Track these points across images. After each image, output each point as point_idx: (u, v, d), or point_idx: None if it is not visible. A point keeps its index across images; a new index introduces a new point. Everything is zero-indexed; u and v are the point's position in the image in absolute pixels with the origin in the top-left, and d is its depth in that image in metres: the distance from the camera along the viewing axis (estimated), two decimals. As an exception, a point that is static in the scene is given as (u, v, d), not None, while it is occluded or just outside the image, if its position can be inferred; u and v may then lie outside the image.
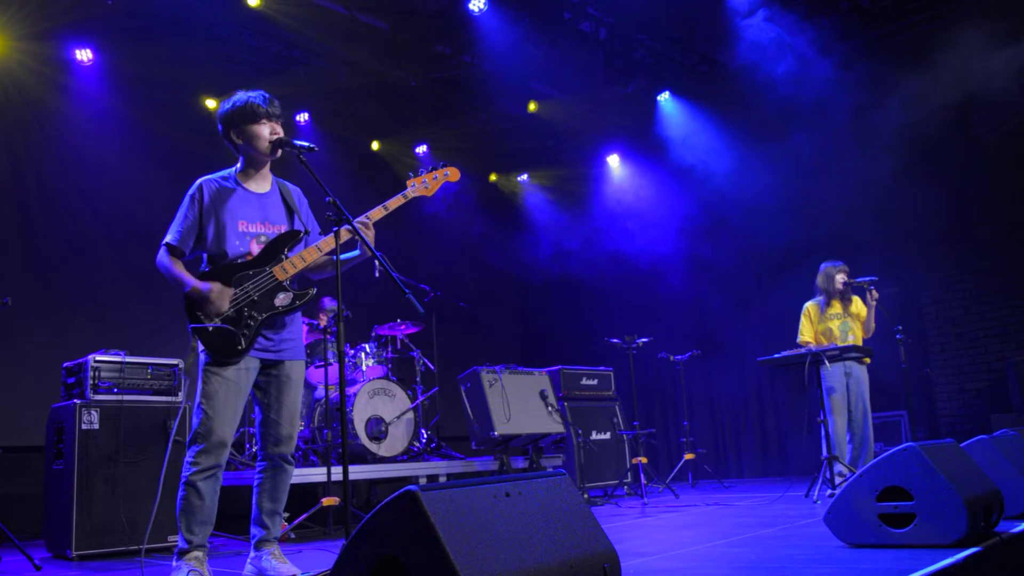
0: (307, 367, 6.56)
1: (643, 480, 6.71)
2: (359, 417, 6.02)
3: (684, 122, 9.31)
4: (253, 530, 3.43)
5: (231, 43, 7.63)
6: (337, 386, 5.88)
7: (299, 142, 3.31)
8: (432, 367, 7.20)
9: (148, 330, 6.84)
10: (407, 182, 3.62)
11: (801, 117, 7.91)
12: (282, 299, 3.36)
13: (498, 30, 7.84)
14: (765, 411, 9.23)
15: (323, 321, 6.68)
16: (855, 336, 6.26)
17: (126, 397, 4.87)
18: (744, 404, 9.38)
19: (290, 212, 3.55)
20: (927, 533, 3.06)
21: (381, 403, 6.21)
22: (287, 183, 3.64)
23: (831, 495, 5.34)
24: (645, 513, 5.58)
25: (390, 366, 6.87)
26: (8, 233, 6.78)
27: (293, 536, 5.08)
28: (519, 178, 11.01)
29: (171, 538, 4.79)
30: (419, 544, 1.83)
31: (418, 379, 7.05)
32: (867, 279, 6.16)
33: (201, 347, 3.27)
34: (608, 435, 7.46)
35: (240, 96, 3.45)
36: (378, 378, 6.39)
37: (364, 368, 6.60)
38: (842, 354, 5.82)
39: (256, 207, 3.46)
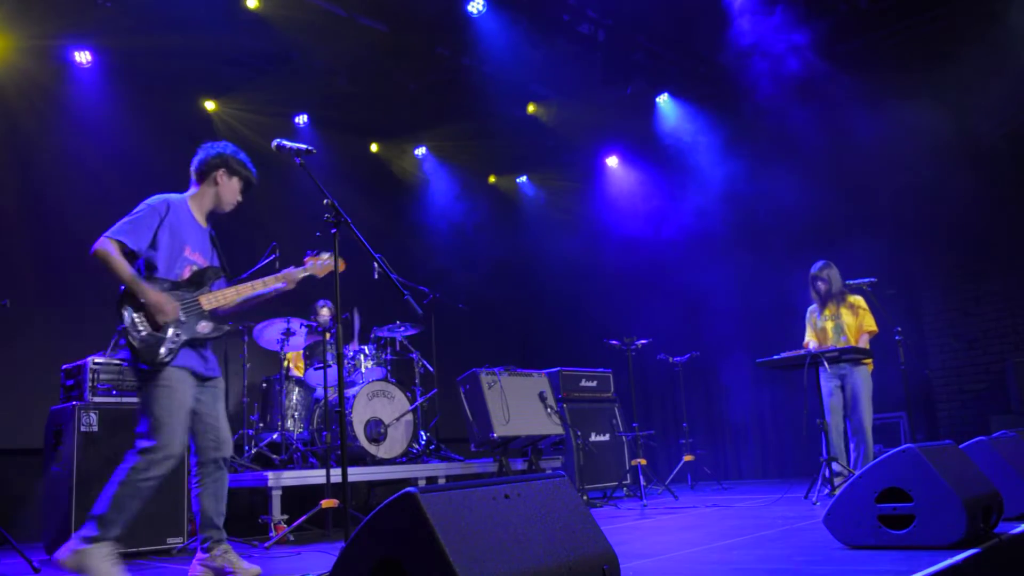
0: (306, 369, 6.58)
1: (642, 482, 6.70)
2: (358, 419, 6.02)
3: (683, 124, 9.31)
4: (204, 533, 3.57)
5: (230, 45, 7.62)
6: (336, 388, 5.87)
7: (297, 144, 3.33)
8: (431, 369, 7.19)
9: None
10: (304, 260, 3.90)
11: (800, 119, 7.91)
12: (203, 327, 3.62)
13: (497, 32, 7.84)
14: (764, 413, 9.22)
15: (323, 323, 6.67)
16: (848, 338, 6.20)
17: (125, 399, 4.86)
18: (743, 405, 9.38)
19: (216, 250, 3.86)
20: (926, 534, 3.07)
21: (380, 405, 6.21)
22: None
23: (831, 494, 5.35)
24: (644, 515, 5.59)
25: (389, 368, 6.86)
26: (8, 234, 6.77)
27: (292, 538, 5.07)
28: (518, 180, 11.02)
29: (170, 540, 4.80)
30: (418, 546, 1.83)
31: (417, 381, 7.05)
32: (865, 280, 6.12)
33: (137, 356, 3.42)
34: (607, 437, 7.46)
35: (246, 155, 3.77)
36: (377, 380, 6.38)
37: (363, 370, 6.60)
38: (841, 356, 5.81)
39: (199, 239, 3.74)
